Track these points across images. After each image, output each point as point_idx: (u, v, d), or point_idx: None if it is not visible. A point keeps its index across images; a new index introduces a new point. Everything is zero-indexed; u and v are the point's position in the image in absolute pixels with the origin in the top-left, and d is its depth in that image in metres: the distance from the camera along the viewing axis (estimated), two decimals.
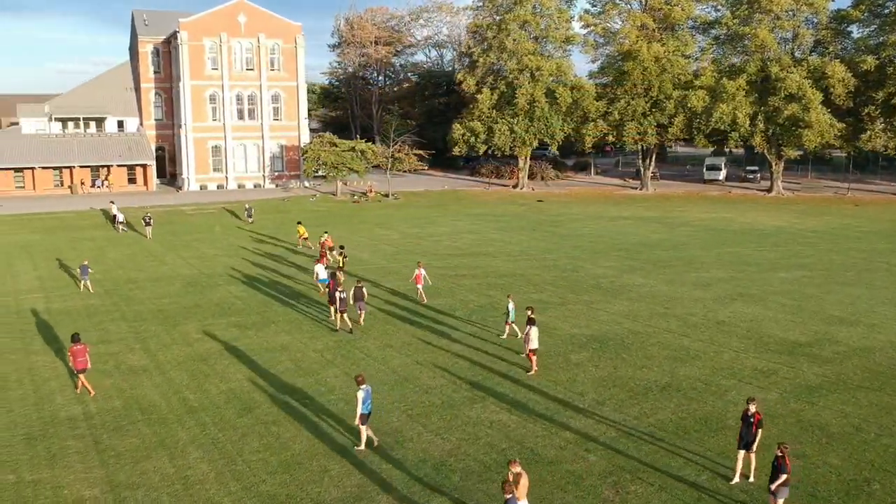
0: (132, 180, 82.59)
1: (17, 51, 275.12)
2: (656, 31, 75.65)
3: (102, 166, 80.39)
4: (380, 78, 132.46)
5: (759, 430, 16.87)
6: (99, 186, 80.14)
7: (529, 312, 25.69)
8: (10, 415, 21.74)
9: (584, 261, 43.36)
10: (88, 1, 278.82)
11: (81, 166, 79.08)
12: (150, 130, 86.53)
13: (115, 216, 58.58)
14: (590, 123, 76.64)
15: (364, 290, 30.87)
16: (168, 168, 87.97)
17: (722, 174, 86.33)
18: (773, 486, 15.15)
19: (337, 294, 29.48)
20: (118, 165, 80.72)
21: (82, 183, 79.45)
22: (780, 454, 15.05)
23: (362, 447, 19.09)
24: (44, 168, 78.27)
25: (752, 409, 16.84)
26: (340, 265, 37.30)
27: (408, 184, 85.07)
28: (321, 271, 35.39)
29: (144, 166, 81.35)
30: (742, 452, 17.06)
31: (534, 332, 24.37)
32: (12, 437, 20.18)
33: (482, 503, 16.54)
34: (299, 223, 51.59)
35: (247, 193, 77.75)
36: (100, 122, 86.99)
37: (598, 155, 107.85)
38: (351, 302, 30.27)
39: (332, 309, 30.24)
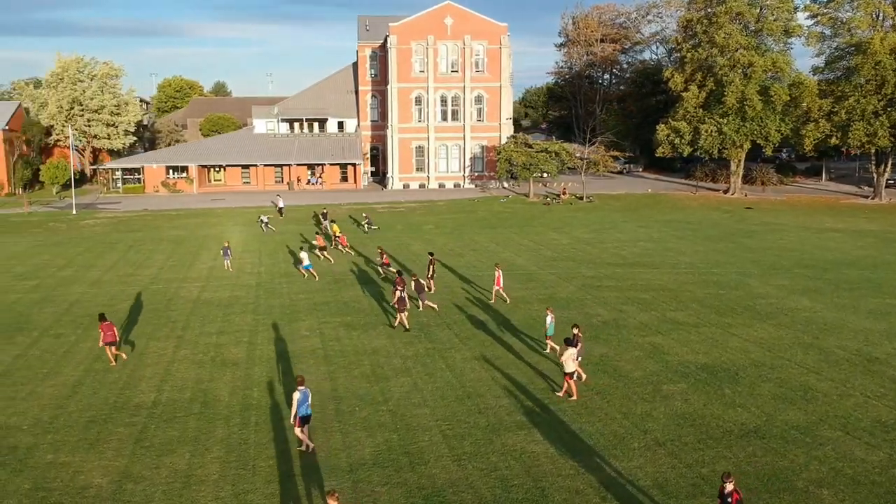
0: (344, 178, 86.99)
1: (284, 55, 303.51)
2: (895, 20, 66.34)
3: (317, 164, 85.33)
4: (605, 76, 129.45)
5: None
6: (313, 183, 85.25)
7: (575, 331, 23.40)
8: (93, 396, 23.23)
9: (754, 277, 38.83)
10: (347, 7, 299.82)
11: (298, 164, 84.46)
12: (366, 131, 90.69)
13: (280, 209, 63.68)
14: (811, 124, 68.98)
15: (422, 281, 32.97)
16: (381, 167, 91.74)
17: None
18: None
19: (397, 293, 29.59)
20: (330, 164, 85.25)
21: (298, 180, 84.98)
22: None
23: (303, 448, 18.93)
24: (266, 165, 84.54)
25: (729, 487, 13.65)
26: (429, 273, 36.44)
27: (611, 186, 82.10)
28: (305, 258, 39.67)
29: (355, 165, 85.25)
30: None
31: (569, 353, 21.98)
32: (79, 418, 21.49)
33: None
34: (333, 222, 52.22)
35: (446, 193, 78.98)
36: (321, 122, 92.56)
37: (836, 158, 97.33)
38: (415, 294, 32.23)
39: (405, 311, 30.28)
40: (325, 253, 44.39)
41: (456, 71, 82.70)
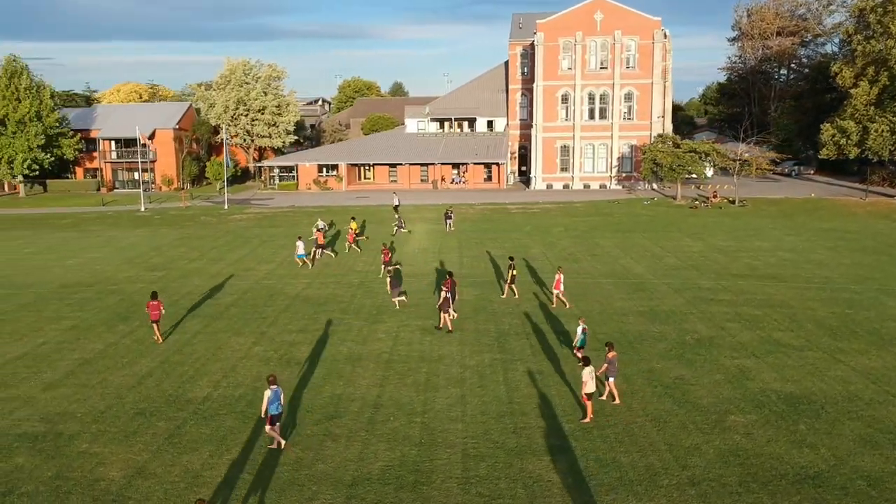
0: (488, 178, 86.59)
1: (465, 55, 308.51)
2: None
3: (462, 164, 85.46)
4: (780, 72, 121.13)
5: None
6: (456, 182, 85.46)
7: (608, 349, 21.66)
8: (155, 388, 24.04)
9: None
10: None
11: (443, 163, 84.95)
12: (514, 130, 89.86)
13: (396, 205, 63.91)
14: None
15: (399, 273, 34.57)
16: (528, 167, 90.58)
17: None
18: None
19: (443, 293, 29.67)
20: (475, 163, 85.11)
21: (442, 179, 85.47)
22: None
23: (274, 445, 19.18)
24: (412, 164, 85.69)
25: None
26: (508, 279, 35.12)
27: (772, 189, 76.49)
28: (300, 247, 42.73)
29: (499, 164, 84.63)
30: None
31: (587, 372, 20.16)
32: (129, 410, 22.25)
33: None
34: (353, 218, 52.19)
35: (589, 194, 76.75)
36: (471, 122, 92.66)
37: None
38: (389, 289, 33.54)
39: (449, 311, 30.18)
40: (326, 250, 45.70)
41: (605, 67, 79.96)
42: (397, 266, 39.10)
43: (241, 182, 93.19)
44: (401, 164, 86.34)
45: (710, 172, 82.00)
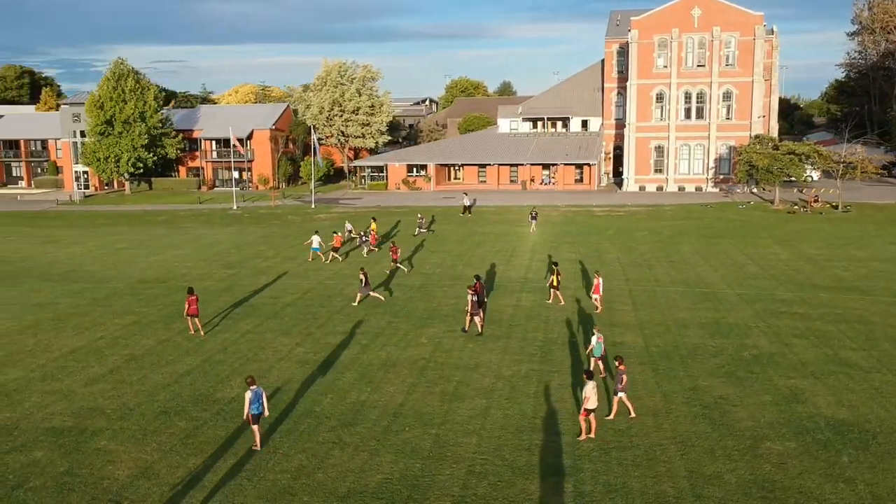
0: (579, 179, 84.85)
1: (578, 53, 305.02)
2: None
3: (552, 164, 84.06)
4: None
5: None
6: (546, 183, 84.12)
7: (618, 363, 20.56)
8: (189, 387, 24.31)
9: None
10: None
11: (533, 164, 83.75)
12: (609, 130, 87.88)
13: (466, 205, 64.44)
14: None
15: (366, 276, 34.90)
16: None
17: None
18: None
19: (469, 296, 29.42)
20: (565, 164, 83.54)
21: (532, 180, 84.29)
22: None
23: (258, 447, 19.31)
24: (501, 165, 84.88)
25: None
26: (554, 283, 34.00)
27: (884, 194, 71.59)
28: (315, 241, 45.09)
29: (590, 165, 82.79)
30: None
31: (590, 387, 19.14)
32: (156, 408, 22.56)
33: None
34: (374, 219, 52.56)
35: (681, 197, 74.04)
36: (565, 121, 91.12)
37: None
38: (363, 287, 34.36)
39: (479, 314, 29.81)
40: (336, 254, 45.73)
41: (702, 65, 76.82)
42: (400, 266, 41.14)
43: (335, 182, 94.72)
44: (490, 165, 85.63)
45: (815, 175, 77.63)
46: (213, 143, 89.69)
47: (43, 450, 19.68)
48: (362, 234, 49.24)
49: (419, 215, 58.85)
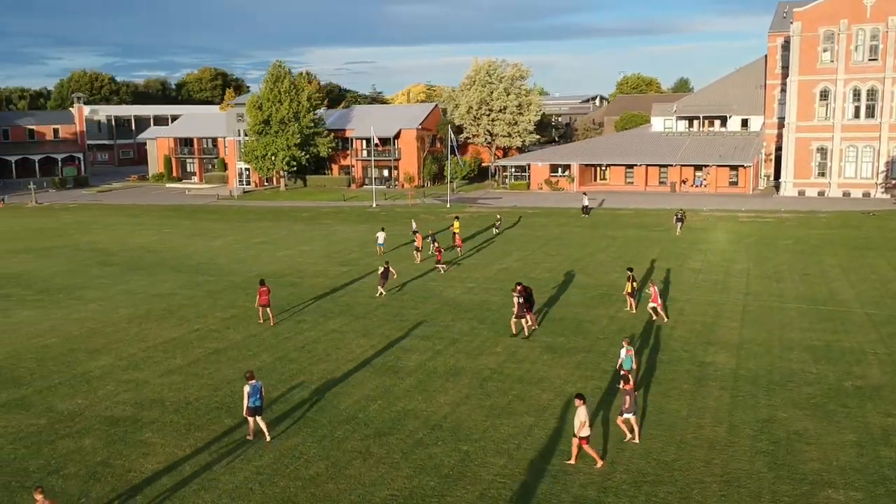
0: (734, 182, 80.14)
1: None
2: None
3: (704, 166, 79.84)
4: None
5: None
6: (697, 185, 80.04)
7: (622, 383, 19.27)
8: None
9: None
10: None
11: (682, 165, 79.92)
12: (771, 130, 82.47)
13: (585, 206, 63.35)
14: None
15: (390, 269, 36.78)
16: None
17: None
18: None
19: (515, 298, 29.11)
20: (717, 166, 79.08)
21: (683, 181, 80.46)
22: None
23: (251, 437, 20.06)
24: (650, 165, 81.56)
25: None
26: (630, 290, 32.58)
27: None
28: (381, 237, 47.45)
29: (745, 167, 77.92)
30: None
31: (581, 413, 17.58)
32: (210, 404, 23.15)
33: None
34: (457, 218, 52.58)
35: (844, 203, 68.02)
36: (723, 120, 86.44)
37: None
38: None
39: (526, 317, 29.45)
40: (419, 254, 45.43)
41: (874, 59, 70.02)
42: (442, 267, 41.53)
43: (481, 181, 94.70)
44: (637, 165, 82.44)
45: None
46: (364, 142, 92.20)
47: (92, 438, 20.64)
48: (432, 234, 49.07)
49: (497, 216, 59.61)
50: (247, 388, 19.90)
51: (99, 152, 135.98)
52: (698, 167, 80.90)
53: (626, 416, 19.38)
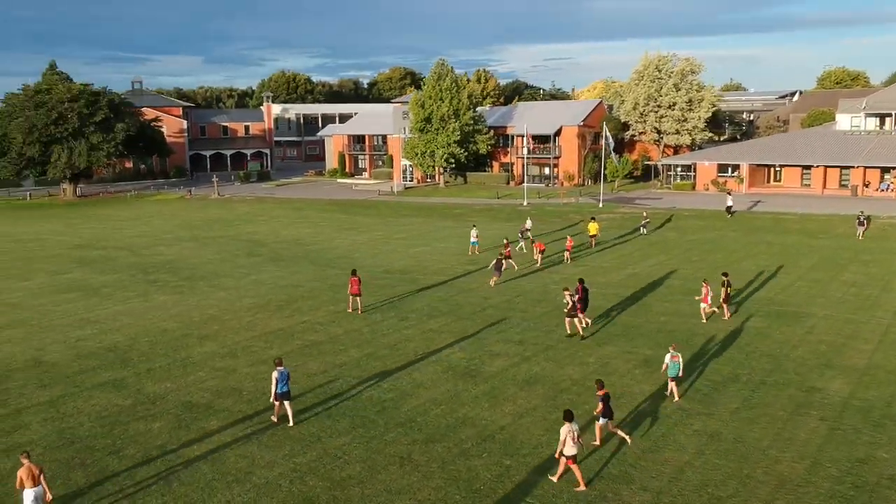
0: None
1: None
2: None
3: (891, 168, 72.45)
4: None
5: None
6: (883, 190, 72.82)
7: (597, 388, 18.67)
8: (328, 381, 25.13)
9: None
10: None
11: (868, 167, 72.95)
12: None
13: (728, 206, 60.75)
14: None
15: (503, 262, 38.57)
16: None
17: None
18: None
19: (567, 297, 28.99)
20: None
21: (866, 185, 73.51)
22: None
23: (275, 419, 21.00)
24: (829, 167, 75.22)
25: None
26: (723, 296, 30.92)
27: None
28: (473, 235, 47.63)
29: None
30: None
31: (564, 430, 16.50)
32: (244, 400, 23.61)
33: None
34: (592, 219, 51.59)
35: None
36: None
37: None
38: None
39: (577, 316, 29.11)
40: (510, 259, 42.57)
41: None
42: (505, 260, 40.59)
43: (647, 180, 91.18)
44: (815, 166, 75.98)
45: None
46: (523, 139, 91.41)
47: (163, 422, 21.61)
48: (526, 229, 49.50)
49: (644, 214, 58.32)
50: (275, 374, 20.73)
51: (289, 148, 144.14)
52: (886, 170, 73.34)
53: (602, 421, 18.73)
